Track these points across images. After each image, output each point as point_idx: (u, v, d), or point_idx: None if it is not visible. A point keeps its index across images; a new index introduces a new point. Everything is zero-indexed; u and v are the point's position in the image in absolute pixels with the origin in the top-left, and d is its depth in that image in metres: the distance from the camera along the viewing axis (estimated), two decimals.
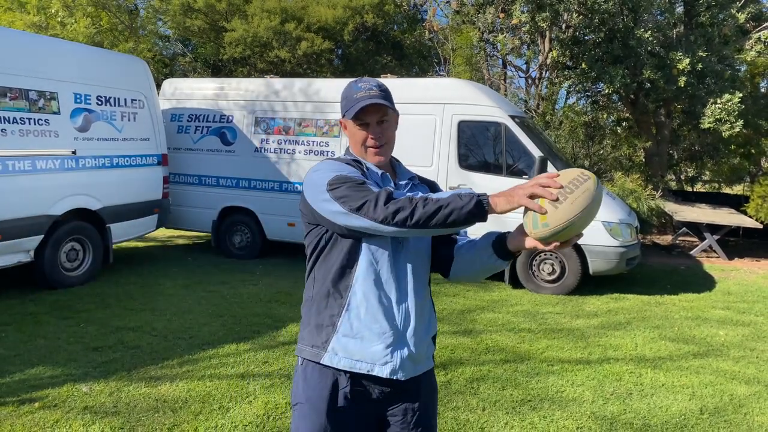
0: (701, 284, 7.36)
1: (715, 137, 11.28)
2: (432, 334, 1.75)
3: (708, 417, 3.63)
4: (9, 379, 3.79)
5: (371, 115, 1.67)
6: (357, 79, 1.74)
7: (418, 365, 1.70)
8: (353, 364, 1.64)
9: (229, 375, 3.97)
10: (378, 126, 1.69)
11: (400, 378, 1.64)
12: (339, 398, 1.66)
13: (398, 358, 1.64)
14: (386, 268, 1.64)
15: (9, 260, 5.55)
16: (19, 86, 5.53)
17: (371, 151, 1.70)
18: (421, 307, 1.68)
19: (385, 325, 1.63)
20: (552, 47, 11.24)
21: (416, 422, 1.71)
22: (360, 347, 1.63)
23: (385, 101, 1.66)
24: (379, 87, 1.68)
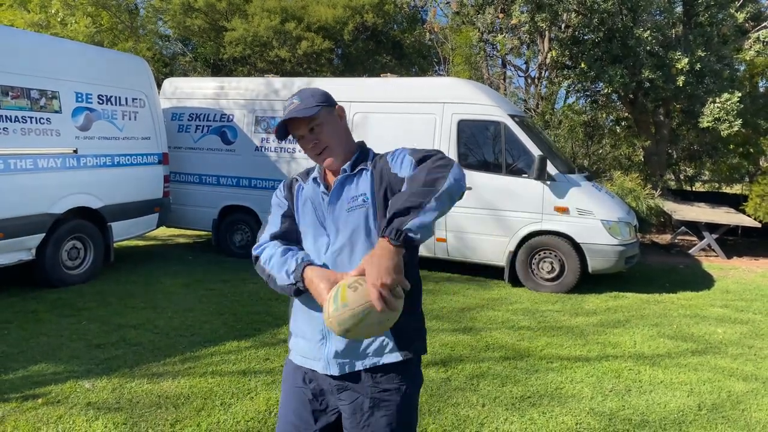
0: (700, 283, 7.39)
1: (713, 137, 11.32)
2: None
3: (706, 413, 3.66)
4: (12, 375, 3.82)
5: (298, 128, 1.73)
6: (290, 96, 1.78)
7: (356, 360, 1.69)
8: (303, 361, 1.79)
9: (230, 372, 3.99)
10: (311, 134, 1.72)
11: (333, 373, 1.70)
12: (297, 382, 1.80)
13: (326, 354, 1.71)
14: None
15: (10, 258, 5.58)
16: (20, 85, 5.55)
17: (318, 159, 1.76)
18: None
19: (316, 323, 1.70)
20: (551, 47, 11.28)
21: (366, 415, 1.70)
22: (304, 345, 1.78)
23: (300, 113, 1.68)
24: (300, 98, 1.72)
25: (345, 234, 1.69)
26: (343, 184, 1.73)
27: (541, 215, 6.55)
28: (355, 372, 1.71)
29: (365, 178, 1.72)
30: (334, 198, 1.72)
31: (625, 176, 10.52)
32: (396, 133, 7.06)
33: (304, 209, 1.78)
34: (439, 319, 5.42)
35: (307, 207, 1.77)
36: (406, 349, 1.72)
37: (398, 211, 1.46)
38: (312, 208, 1.76)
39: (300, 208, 1.80)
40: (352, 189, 1.72)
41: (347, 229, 1.69)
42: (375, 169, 1.73)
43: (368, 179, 1.72)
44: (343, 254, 1.69)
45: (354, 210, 1.69)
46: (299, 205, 1.80)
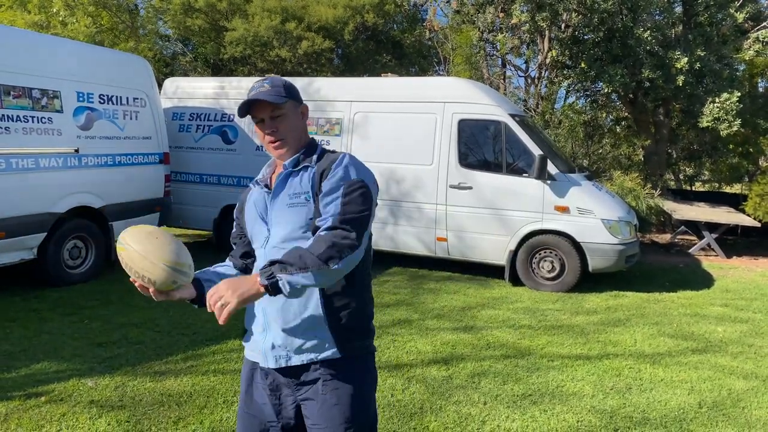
0: (700, 282, 7.41)
1: (713, 136, 11.34)
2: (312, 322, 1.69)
3: (706, 411, 3.67)
4: (15, 374, 3.83)
5: (260, 111, 1.71)
6: (258, 79, 1.79)
7: (296, 354, 1.71)
8: (250, 354, 1.84)
9: (232, 370, 4.01)
10: (272, 121, 1.72)
11: (270, 366, 1.74)
12: (255, 378, 1.84)
13: (264, 347, 1.74)
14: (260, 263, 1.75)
15: (12, 257, 5.59)
16: (22, 85, 5.56)
17: (270, 146, 1.75)
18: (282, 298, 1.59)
19: (256, 318, 1.77)
20: (551, 47, 11.30)
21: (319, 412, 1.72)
22: (250, 340, 1.82)
23: (268, 97, 1.67)
24: (272, 83, 1.72)
25: (286, 229, 1.71)
26: (286, 180, 1.75)
27: (541, 214, 6.57)
28: (293, 366, 1.73)
29: (308, 176, 1.73)
30: (276, 193, 1.75)
31: (625, 176, 10.54)
32: (396, 133, 7.08)
33: (251, 209, 1.82)
34: (440, 317, 5.43)
35: (250, 208, 1.83)
36: (345, 346, 1.73)
37: (285, 261, 1.53)
38: (253, 207, 1.81)
39: (250, 212, 1.84)
40: (295, 185, 1.73)
41: (288, 224, 1.70)
42: (316, 171, 1.73)
43: (312, 177, 1.72)
44: (285, 248, 1.65)
45: (295, 206, 1.71)
46: (248, 209, 1.85)
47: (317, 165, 1.74)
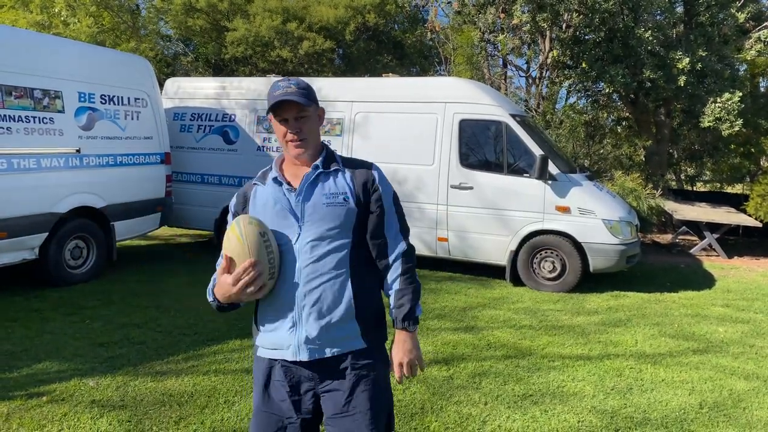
0: (701, 282, 7.41)
1: (714, 136, 11.34)
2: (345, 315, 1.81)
3: (707, 411, 3.67)
4: (17, 373, 3.84)
5: (288, 111, 1.80)
6: (281, 79, 1.87)
7: (326, 346, 1.80)
8: (272, 353, 1.87)
9: (233, 370, 4.01)
10: (296, 122, 1.81)
11: (302, 359, 1.79)
12: (273, 376, 1.88)
13: (297, 340, 1.79)
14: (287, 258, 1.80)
15: (14, 257, 5.59)
16: (24, 85, 5.57)
17: (291, 144, 1.83)
18: (320, 290, 1.78)
19: (285, 313, 1.81)
20: (552, 47, 11.29)
21: (347, 399, 1.82)
22: (272, 337, 1.85)
23: (299, 98, 1.78)
24: (297, 85, 1.81)
25: (322, 226, 1.80)
26: (317, 180, 1.85)
27: (542, 215, 6.57)
28: (324, 358, 1.81)
29: (342, 179, 1.87)
30: (308, 192, 1.83)
31: (626, 176, 10.54)
32: (397, 133, 7.08)
33: (265, 206, 1.85)
34: (441, 318, 5.44)
35: (269, 203, 1.85)
36: (369, 337, 1.88)
37: (413, 308, 1.92)
38: (273, 204, 1.84)
39: (260, 207, 1.86)
40: (329, 186, 1.85)
41: (325, 222, 1.80)
42: (355, 177, 1.89)
43: (347, 182, 1.87)
44: (321, 246, 1.80)
45: (333, 206, 1.82)
46: (256, 204, 1.88)
47: (349, 171, 1.90)
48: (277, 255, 1.76)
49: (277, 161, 1.94)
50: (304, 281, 1.78)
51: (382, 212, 1.89)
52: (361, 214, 1.86)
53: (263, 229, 1.75)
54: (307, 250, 1.78)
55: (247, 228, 1.72)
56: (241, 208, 1.92)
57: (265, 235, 1.74)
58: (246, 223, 1.74)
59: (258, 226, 1.74)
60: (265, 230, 1.75)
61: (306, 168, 1.87)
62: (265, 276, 1.74)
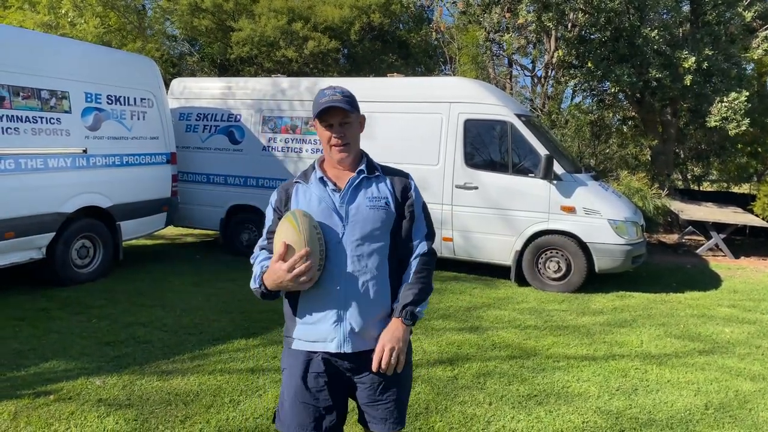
0: (707, 282, 7.38)
1: (721, 136, 11.28)
2: (382, 312, 1.94)
3: (713, 412, 3.66)
4: (24, 372, 3.87)
5: (334, 116, 1.91)
6: (327, 86, 1.98)
7: (368, 340, 1.91)
8: (312, 345, 1.94)
9: (239, 369, 4.03)
10: (340, 127, 1.93)
11: (346, 350, 1.90)
12: (311, 368, 1.95)
13: (341, 335, 1.90)
14: (332, 256, 1.89)
15: (21, 257, 5.64)
16: (31, 85, 5.61)
17: (335, 148, 1.94)
18: (363, 287, 1.90)
19: (329, 307, 1.90)
20: (558, 46, 11.26)
21: (381, 388, 1.96)
22: (312, 330, 1.93)
23: (344, 105, 1.90)
24: (342, 93, 1.92)
25: (365, 228, 1.92)
26: (361, 184, 1.97)
27: (547, 215, 6.55)
28: (364, 351, 1.92)
29: (384, 186, 2.00)
30: (353, 194, 1.95)
31: (632, 176, 10.51)
32: (402, 133, 7.08)
33: (309, 204, 1.94)
34: (446, 318, 5.44)
35: (313, 201, 1.94)
36: None
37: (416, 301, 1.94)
38: (318, 202, 1.93)
39: (303, 204, 1.95)
40: (372, 190, 1.97)
41: (368, 223, 1.92)
42: (394, 184, 2.02)
43: (388, 188, 2.00)
44: (364, 246, 1.91)
45: (376, 208, 1.94)
46: (299, 201, 1.97)
47: (389, 178, 2.03)
48: (325, 249, 1.87)
49: (318, 162, 2.03)
50: (349, 278, 1.89)
51: (413, 218, 2.02)
52: (398, 218, 1.99)
53: (315, 222, 1.86)
54: (352, 248, 1.90)
55: (303, 219, 1.82)
56: (284, 204, 2.00)
57: (318, 228, 1.85)
58: (301, 214, 1.84)
59: (311, 219, 1.85)
60: (317, 224, 1.86)
61: (347, 172, 1.98)
62: (315, 266, 1.82)
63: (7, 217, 5.36)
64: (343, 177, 1.97)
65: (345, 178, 1.97)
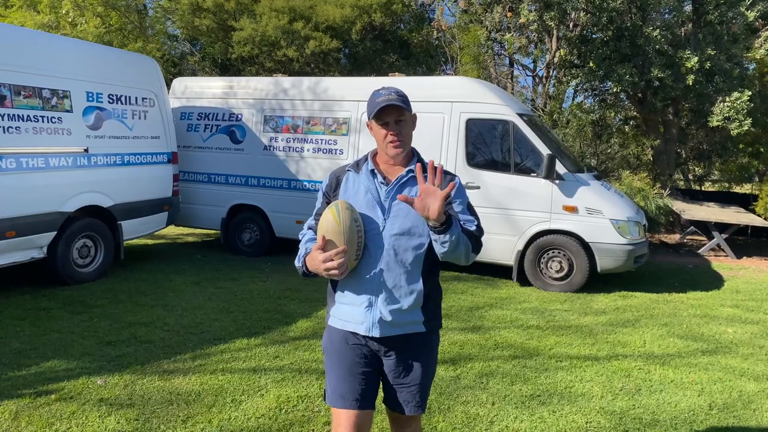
0: (709, 282, 7.36)
1: (723, 136, 11.26)
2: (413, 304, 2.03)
3: (717, 413, 3.64)
4: (25, 371, 3.86)
5: (389, 115, 2.00)
6: (381, 87, 2.07)
7: (395, 327, 2.03)
8: (344, 324, 2.08)
9: (240, 369, 4.02)
10: (396, 124, 2.02)
11: (374, 335, 2.02)
12: (349, 341, 2.09)
13: (370, 320, 2.02)
14: (370, 246, 2.00)
15: (22, 256, 5.63)
16: (32, 84, 5.60)
17: (390, 144, 2.03)
18: (395, 280, 2.01)
19: (363, 293, 2.03)
20: (559, 46, 11.24)
21: (404, 372, 2.10)
22: (348, 311, 2.07)
23: (401, 104, 1.99)
24: (397, 93, 2.01)
25: (405, 224, 2.01)
26: (408, 182, 2.05)
27: (549, 214, 6.54)
28: (392, 336, 2.04)
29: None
30: (399, 190, 2.03)
31: (633, 176, 10.48)
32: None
33: (356, 194, 2.05)
34: (448, 318, 5.42)
35: (360, 192, 2.05)
36: (429, 324, 2.12)
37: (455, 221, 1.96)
38: (364, 193, 2.05)
39: (351, 193, 2.07)
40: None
41: (409, 219, 2.00)
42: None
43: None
44: (402, 241, 2.01)
45: None
46: (348, 189, 2.08)
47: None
48: (363, 240, 1.98)
49: (372, 155, 2.13)
50: (385, 269, 2.00)
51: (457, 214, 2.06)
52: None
53: (357, 215, 1.96)
54: (391, 241, 2.00)
55: (344, 213, 1.92)
56: (333, 190, 2.12)
57: (358, 221, 1.95)
58: (344, 207, 1.93)
59: (353, 212, 1.95)
60: (358, 216, 1.96)
61: (398, 168, 2.07)
62: (352, 258, 1.94)
63: (9, 216, 5.35)
64: (393, 172, 2.07)
65: (395, 174, 2.07)
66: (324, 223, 1.94)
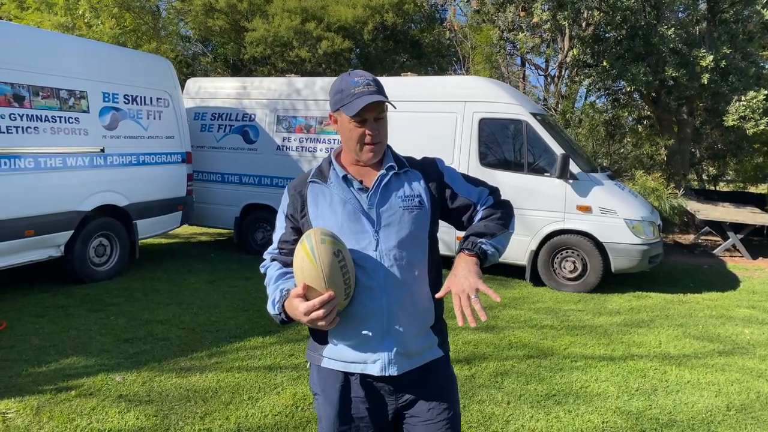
0: (725, 283, 7.29)
1: (738, 135, 11.15)
2: (426, 325, 1.71)
3: (734, 414, 3.61)
4: (45, 368, 3.91)
5: (370, 112, 1.62)
6: (349, 72, 1.68)
7: (413, 358, 1.68)
8: (347, 366, 1.68)
9: (256, 367, 4.05)
10: (375, 123, 1.64)
11: (391, 374, 1.64)
12: (350, 391, 1.70)
13: (386, 356, 1.64)
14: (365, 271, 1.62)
15: (41, 255, 5.70)
16: (50, 85, 5.68)
17: (367, 147, 1.65)
18: (404, 301, 1.64)
19: (369, 326, 1.64)
20: (572, 45, 11.19)
21: (431, 410, 1.71)
22: (349, 350, 1.67)
23: (383, 97, 1.62)
24: (375, 82, 1.64)
25: (401, 232, 1.65)
26: (391, 182, 1.70)
27: (563, 214, 6.51)
28: (411, 371, 1.68)
29: (417, 181, 1.73)
30: (383, 195, 1.67)
31: (647, 175, 10.40)
32: (416, 133, 7.06)
33: (332, 209, 1.66)
34: None
35: (336, 205, 1.66)
36: (444, 346, 1.80)
37: (478, 233, 1.70)
38: (342, 205, 1.66)
39: (324, 209, 1.67)
40: (404, 188, 1.70)
41: (404, 227, 1.66)
42: (426, 176, 1.75)
43: (420, 182, 1.73)
44: (404, 253, 1.65)
45: (410, 209, 1.68)
46: (319, 206, 1.68)
47: (418, 170, 1.76)
48: (352, 272, 1.57)
49: (335, 156, 1.75)
50: (389, 291, 1.63)
51: (454, 194, 1.76)
52: (435, 215, 1.74)
53: (337, 246, 1.53)
54: (389, 257, 1.63)
55: (320, 249, 1.50)
56: (299, 210, 1.71)
57: (340, 254, 1.53)
58: (317, 242, 1.51)
59: (332, 244, 1.52)
60: (339, 248, 1.54)
61: (372, 170, 1.70)
62: (341, 299, 1.55)
63: (27, 215, 5.42)
64: (369, 174, 1.70)
65: (371, 176, 1.69)
66: (298, 266, 1.53)
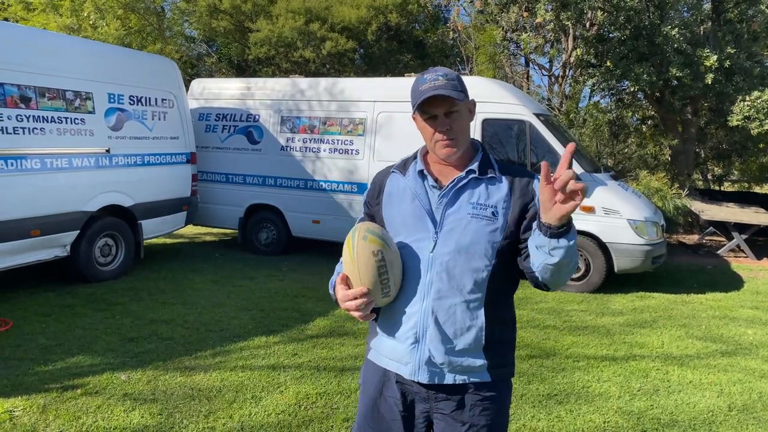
0: (729, 283, 7.28)
1: (743, 135, 11.11)
2: (475, 343, 1.60)
3: (736, 414, 3.62)
4: (52, 366, 3.96)
5: (437, 107, 1.56)
6: (427, 70, 1.63)
7: (450, 373, 1.61)
8: (386, 362, 1.68)
9: (260, 366, 4.08)
10: (446, 118, 1.57)
11: (420, 380, 1.61)
12: (386, 391, 1.69)
13: (417, 361, 1.61)
14: (415, 270, 1.60)
15: (46, 254, 5.75)
16: (56, 87, 5.73)
17: (440, 144, 1.59)
18: (448, 311, 1.58)
19: (408, 327, 1.62)
20: (576, 45, 11.18)
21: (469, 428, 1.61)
22: (390, 346, 1.66)
23: (450, 91, 1.53)
24: (445, 76, 1.56)
25: (462, 240, 1.58)
26: (467, 185, 1.62)
27: None
28: (445, 385, 1.62)
29: (499, 191, 1.62)
30: (454, 197, 1.61)
31: (651, 176, 10.38)
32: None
33: (401, 201, 1.65)
34: None
35: (406, 199, 1.65)
36: (495, 372, 1.65)
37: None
38: (411, 200, 1.64)
39: (395, 201, 1.67)
40: (479, 195, 1.61)
41: (468, 234, 1.58)
42: (513, 190, 1.62)
43: (504, 194, 1.61)
44: (459, 261, 1.58)
45: (479, 218, 1.59)
46: (392, 196, 1.68)
47: (507, 180, 1.63)
48: (394, 274, 1.56)
49: (422, 153, 1.71)
50: (434, 297, 1.58)
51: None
52: (510, 231, 1.60)
53: (379, 246, 1.53)
54: (442, 262, 1.58)
55: (360, 245, 1.52)
56: (375, 197, 1.73)
57: (380, 253, 1.52)
58: (360, 237, 1.53)
59: (374, 242, 1.52)
60: (381, 248, 1.53)
61: (455, 170, 1.64)
62: (378, 297, 1.56)
63: (34, 215, 5.47)
64: (450, 174, 1.64)
65: (450, 175, 1.63)
66: (343, 255, 1.59)
